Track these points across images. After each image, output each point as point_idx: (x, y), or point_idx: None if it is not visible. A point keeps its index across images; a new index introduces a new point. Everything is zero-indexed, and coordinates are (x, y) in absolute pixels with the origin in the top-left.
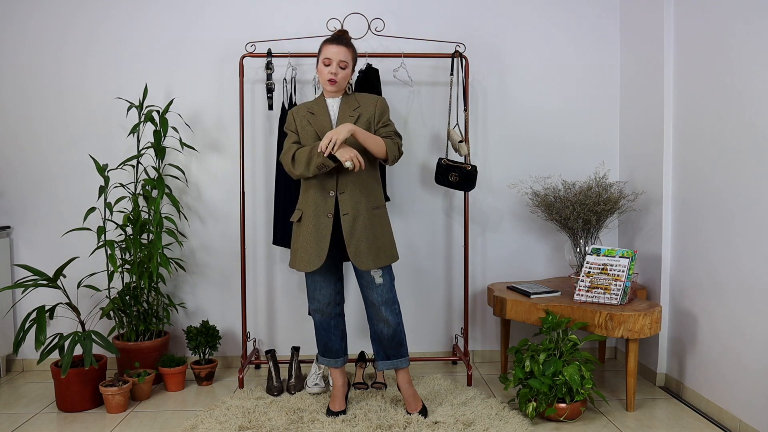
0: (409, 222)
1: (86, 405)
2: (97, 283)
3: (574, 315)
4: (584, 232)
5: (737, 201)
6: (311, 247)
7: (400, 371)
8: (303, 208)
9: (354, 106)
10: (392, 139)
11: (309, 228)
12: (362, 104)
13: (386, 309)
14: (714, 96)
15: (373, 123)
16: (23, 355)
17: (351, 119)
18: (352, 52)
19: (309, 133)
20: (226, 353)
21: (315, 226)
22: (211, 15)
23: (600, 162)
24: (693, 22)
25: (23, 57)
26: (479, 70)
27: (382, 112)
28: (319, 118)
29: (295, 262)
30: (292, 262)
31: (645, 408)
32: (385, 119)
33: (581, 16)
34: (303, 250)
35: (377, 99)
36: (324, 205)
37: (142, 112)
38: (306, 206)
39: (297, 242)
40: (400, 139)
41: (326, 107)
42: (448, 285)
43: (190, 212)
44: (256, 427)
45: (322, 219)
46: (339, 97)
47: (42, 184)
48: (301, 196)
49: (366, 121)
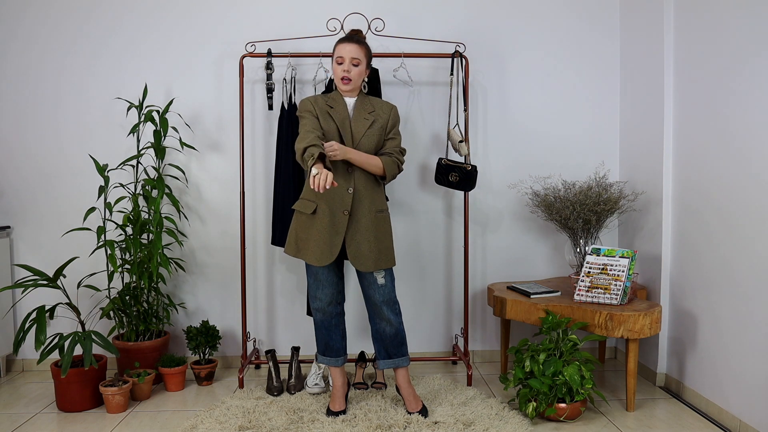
0: (409, 222)
1: (86, 405)
2: (97, 283)
3: (574, 315)
4: (584, 232)
5: (737, 201)
6: (325, 242)
7: (400, 371)
8: (317, 200)
9: (369, 110)
10: (393, 157)
11: (324, 222)
12: (377, 109)
13: (388, 309)
14: (714, 96)
15: (385, 131)
16: (23, 355)
17: (366, 122)
18: (364, 49)
19: (330, 126)
20: (226, 353)
21: (330, 222)
22: (211, 15)
23: (600, 162)
24: (693, 23)
25: (24, 57)
26: (479, 70)
27: (395, 123)
28: (339, 113)
29: (306, 254)
30: (294, 251)
31: (645, 408)
32: (395, 131)
33: (581, 16)
34: (316, 243)
35: (391, 108)
36: (341, 202)
37: (142, 112)
38: (320, 199)
39: (308, 233)
40: (402, 155)
41: (345, 104)
42: (448, 285)
43: (190, 212)
44: (256, 427)
45: (338, 215)
46: (354, 97)
47: (42, 184)
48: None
49: (380, 128)
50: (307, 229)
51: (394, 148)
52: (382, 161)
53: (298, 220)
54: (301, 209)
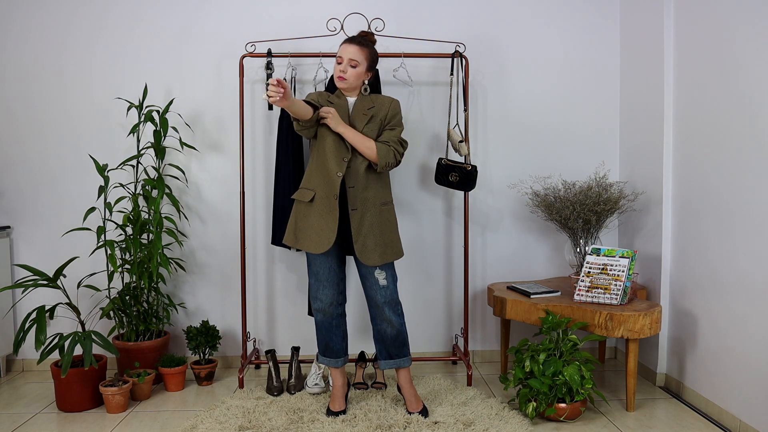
0: (410, 222)
1: (86, 405)
2: (97, 283)
3: (574, 315)
4: (584, 232)
5: (737, 201)
6: (322, 228)
7: (402, 371)
8: (315, 188)
9: (368, 106)
10: (388, 145)
11: (321, 209)
12: (377, 105)
13: (389, 309)
14: (714, 95)
15: (384, 123)
16: (23, 355)
17: (364, 118)
18: (365, 52)
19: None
20: (226, 353)
21: (327, 208)
22: (211, 15)
23: (600, 162)
24: (693, 22)
25: (24, 57)
26: (479, 70)
27: (394, 114)
28: (340, 107)
29: (304, 243)
30: (293, 240)
31: (645, 408)
32: (394, 122)
33: (581, 16)
34: (313, 230)
35: (391, 101)
36: (332, 188)
37: (142, 112)
38: (318, 187)
39: (306, 222)
40: (401, 147)
41: (346, 101)
42: (448, 285)
43: (190, 212)
44: (256, 427)
45: (331, 201)
46: (354, 97)
47: (42, 184)
48: (312, 176)
49: (378, 122)
50: (305, 218)
51: (391, 137)
52: (376, 146)
53: (297, 210)
54: (299, 198)
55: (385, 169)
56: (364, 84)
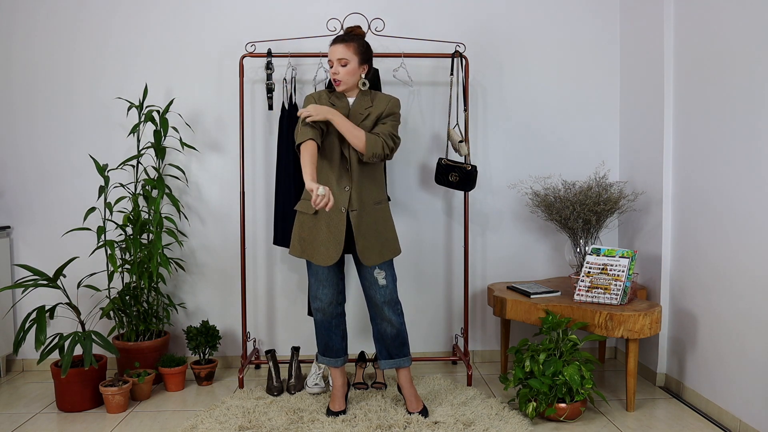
0: (409, 222)
1: (86, 405)
2: (97, 283)
3: (574, 315)
4: (584, 232)
5: (737, 201)
6: (329, 240)
7: (402, 371)
8: None
9: (367, 105)
10: (379, 136)
11: (326, 222)
12: (375, 103)
13: (389, 309)
14: (714, 95)
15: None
16: (23, 355)
17: (361, 116)
18: (353, 46)
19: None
20: (226, 353)
21: (333, 220)
22: (211, 15)
23: (600, 162)
24: (693, 22)
25: (23, 57)
26: (479, 70)
27: (390, 111)
28: (341, 108)
29: (312, 255)
30: (299, 252)
31: (645, 408)
32: (391, 118)
33: (581, 16)
34: (322, 244)
35: (390, 98)
36: (340, 200)
37: (142, 112)
38: None
39: (312, 234)
40: (392, 142)
41: (347, 101)
42: (448, 285)
43: (190, 212)
44: (256, 427)
45: (338, 213)
46: (354, 96)
47: (42, 184)
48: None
49: (375, 118)
50: (310, 229)
51: (383, 131)
52: (365, 135)
53: (300, 221)
54: (302, 210)
55: (372, 159)
56: (361, 78)
